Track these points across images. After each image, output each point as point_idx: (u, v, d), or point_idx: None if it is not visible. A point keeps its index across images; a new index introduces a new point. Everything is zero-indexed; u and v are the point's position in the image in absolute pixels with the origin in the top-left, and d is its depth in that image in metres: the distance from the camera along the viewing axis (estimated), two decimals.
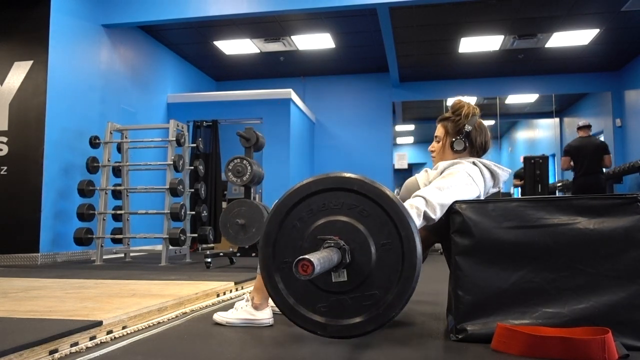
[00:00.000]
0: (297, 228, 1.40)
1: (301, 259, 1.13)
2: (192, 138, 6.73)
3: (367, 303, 1.36)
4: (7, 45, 5.00)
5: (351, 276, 1.35)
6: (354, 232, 1.35)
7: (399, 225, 1.33)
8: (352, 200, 1.36)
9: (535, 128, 11.65)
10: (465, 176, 1.74)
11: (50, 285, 2.80)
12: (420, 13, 6.11)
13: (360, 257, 1.35)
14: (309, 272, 1.12)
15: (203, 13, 5.61)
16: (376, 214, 1.35)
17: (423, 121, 11.52)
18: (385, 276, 1.34)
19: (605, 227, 1.53)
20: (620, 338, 1.41)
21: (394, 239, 1.34)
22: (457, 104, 1.95)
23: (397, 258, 1.33)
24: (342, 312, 1.37)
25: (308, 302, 1.39)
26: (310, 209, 1.39)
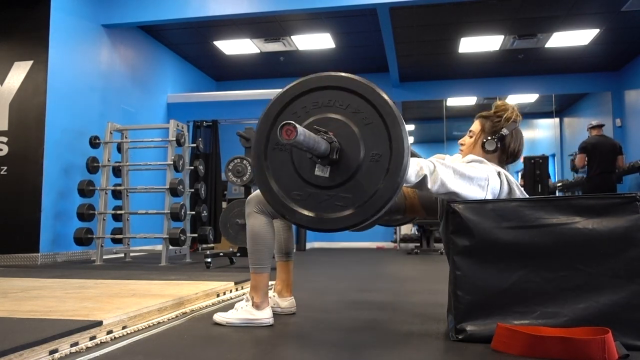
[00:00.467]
0: (298, 116, 1.42)
1: (287, 123, 1.15)
2: (192, 138, 6.73)
3: (339, 204, 1.38)
4: (7, 45, 5.01)
5: (333, 174, 1.37)
6: (349, 134, 1.37)
7: (393, 141, 1.34)
8: (358, 105, 1.37)
9: (535, 128, 11.65)
10: (485, 178, 1.68)
11: (50, 285, 2.80)
12: (420, 13, 6.11)
13: (347, 160, 1.37)
14: (291, 137, 1.15)
15: (203, 13, 5.61)
16: (376, 125, 1.36)
17: (423, 121, 11.51)
18: (365, 185, 1.36)
19: (605, 226, 1.53)
20: (620, 338, 1.41)
21: (384, 154, 1.35)
22: (502, 105, 1.89)
23: (381, 172, 1.35)
24: (314, 205, 1.40)
25: (287, 186, 1.42)
26: (316, 102, 1.41)
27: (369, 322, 1.95)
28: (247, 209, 1.87)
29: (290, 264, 2.13)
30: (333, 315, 2.10)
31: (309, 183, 1.41)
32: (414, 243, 7.85)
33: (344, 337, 1.69)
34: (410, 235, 8.15)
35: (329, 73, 1.42)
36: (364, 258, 5.91)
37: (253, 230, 1.85)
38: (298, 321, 1.96)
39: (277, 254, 2.13)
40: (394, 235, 8.44)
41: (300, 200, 1.41)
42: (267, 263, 1.88)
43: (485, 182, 1.69)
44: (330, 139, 1.36)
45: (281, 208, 1.43)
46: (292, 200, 1.42)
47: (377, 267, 4.64)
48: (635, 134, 7.77)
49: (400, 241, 8.25)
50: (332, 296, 2.69)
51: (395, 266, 4.75)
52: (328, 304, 2.39)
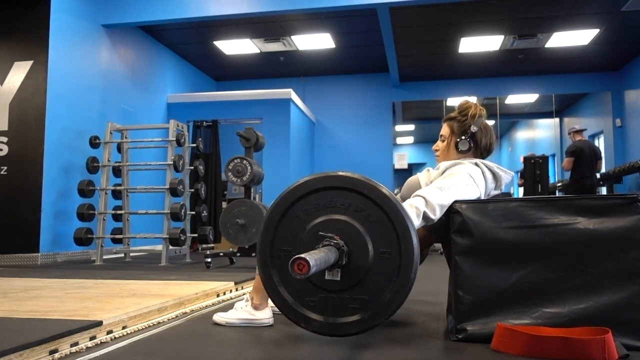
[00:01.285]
0: (301, 219, 1.40)
1: (297, 258, 1.12)
2: (192, 138, 6.72)
3: (354, 306, 1.35)
4: (7, 45, 5.00)
5: (344, 277, 1.35)
6: (355, 235, 1.35)
7: (401, 237, 1.32)
8: (360, 202, 1.35)
9: (535, 128, 11.66)
10: (467, 177, 1.73)
11: (50, 285, 2.80)
12: (420, 13, 6.11)
13: (357, 261, 1.34)
14: (304, 272, 1.12)
15: (203, 13, 5.61)
16: (381, 221, 1.34)
17: (423, 121, 11.52)
18: (378, 284, 1.34)
19: (605, 227, 1.53)
20: (620, 338, 1.41)
21: (393, 250, 1.33)
22: (464, 104, 1.94)
23: (393, 269, 1.33)
24: (328, 310, 1.37)
25: (298, 292, 1.39)
26: (317, 204, 1.39)
27: None
28: None
29: None
30: None
31: (319, 287, 1.38)
32: None
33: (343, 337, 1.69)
34: None
35: (326, 174, 1.39)
36: None
37: None
38: None
39: None
40: None
41: (314, 306, 1.38)
42: None
43: (471, 180, 1.74)
44: (337, 245, 1.33)
45: (295, 317, 1.39)
46: (306, 307, 1.39)
47: None
48: (635, 134, 7.77)
49: None
50: None
51: None
52: None
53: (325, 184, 1.38)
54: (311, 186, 1.40)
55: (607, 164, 8.47)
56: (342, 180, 1.37)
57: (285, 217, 1.41)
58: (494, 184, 1.86)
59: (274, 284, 1.40)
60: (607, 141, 8.58)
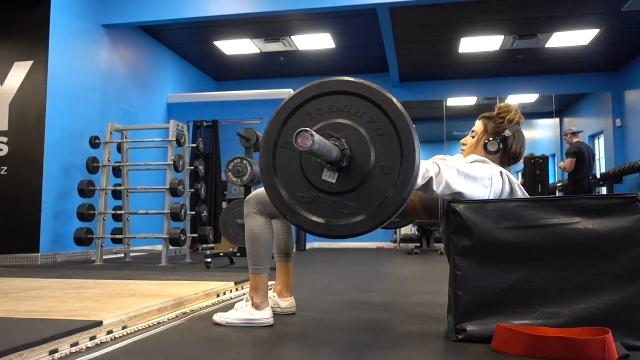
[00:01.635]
0: (312, 117, 1.40)
1: (303, 130, 1.15)
2: (192, 138, 6.73)
3: (341, 211, 1.36)
4: (7, 45, 5.01)
5: (339, 181, 1.36)
6: (361, 142, 1.35)
7: (405, 156, 1.32)
8: (374, 114, 1.35)
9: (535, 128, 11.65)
10: (488, 177, 1.69)
11: (50, 285, 2.80)
12: (420, 13, 6.11)
13: (356, 168, 1.35)
14: (307, 145, 1.15)
15: (203, 13, 5.61)
16: (389, 136, 1.34)
17: (423, 121, 11.50)
18: (370, 196, 1.35)
19: (605, 227, 1.52)
20: (620, 338, 1.41)
21: (394, 166, 1.33)
22: (505, 107, 1.91)
23: (388, 185, 1.34)
24: (314, 208, 1.39)
25: (291, 186, 1.40)
26: (332, 105, 1.39)
27: (369, 322, 1.95)
28: (246, 209, 1.87)
29: (289, 264, 2.13)
30: (333, 316, 2.10)
31: (314, 186, 1.39)
32: (414, 243, 7.86)
33: (343, 337, 1.69)
34: (410, 235, 8.15)
35: (347, 78, 1.40)
36: (364, 258, 5.91)
37: (252, 231, 1.85)
38: (298, 321, 1.96)
39: (276, 255, 2.13)
40: (394, 235, 8.44)
41: (304, 203, 1.39)
42: (266, 263, 1.88)
43: (489, 182, 1.69)
44: (341, 146, 1.34)
45: (283, 208, 1.41)
46: (297, 202, 1.40)
47: (377, 267, 4.64)
48: (635, 134, 7.77)
49: (400, 241, 8.25)
50: (332, 296, 2.69)
51: (395, 266, 4.75)
52: (328, 304, 2.39)
53: (345, 88, 1.38)
54: (331, 87, 1.40)
55: (607, 164, 8.47)
56: (362, 87, 1.37)
57: (298, 111, 1.41)
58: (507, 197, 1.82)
59: (272, 174, 1.42)
60: (607, 141, 8.58)
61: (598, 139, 9.19)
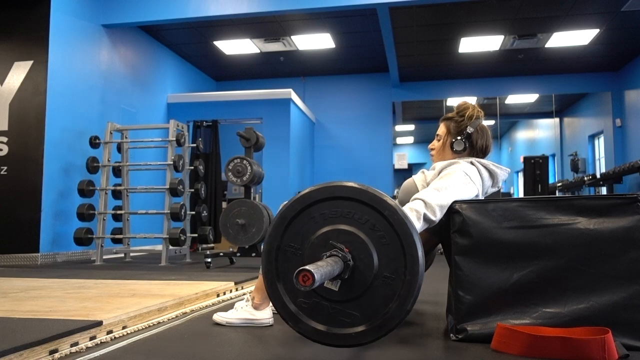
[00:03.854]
0: (315, 221, 1.38)
1: (303, 270, 1.12)
2: (192, 138, 6.73)
3: (344, 319, 1.34)
4: (7, 45, 5.00)
5: (342, 288, 1.33)
6: (365, 252, 1.33)
7: (409, 267, 1.30)
8: (377, 221, 1.33)
9: (535, 128, 11.66)
10: (463, 175, 1.74)
11: (50, 285, 2.80)
12: (420, 13, 6.11)
13: (359, 278, 1.33)
14: (308, 284, 1.11)
15: (203, 13, 5.61)
16: (393, 246, 1.32)
17: (423, 121, 11.53)
18: (373, 306, 1.32)
19: (606, 227, 1.52)
20: (620, 338, 1.41)
21: (397, 277, 1.31)
22: (462, 105, 1.95)
23: (391, 296, 1.31)
24: (316, 315, 1.36)
25: (294, 291, 1.38)
26: (336, 211, 1.37)
27: None
28: None
29: None
30: None
31: (316, 292, 1.36)
32: None
33: None
34: None
35: (351, 184, 1.37)
36: None
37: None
38: None
39: None
40: None
41: (305, 309, 1.37)
42: None
43: (467, 178, 1.74)
44: (345, 258, 1.31)
45: (286, 315, 1.38)
46: (299, 308, 1.37)
47: None
48: (635, 134, 7.77)
49: None
50: None
51: None
52: None
53: (349, 195, 1.36)
54: (335, 192, 1.37)
55: (607, 164, 8.48)
56: (366, 195, 1.34)
57: (302, 214, 1.39)
58: (490, 181, 1.86)
59: (274, 277, 1.40)
60: (607, 141, 8.58)
61: (598, 139, 9.19)
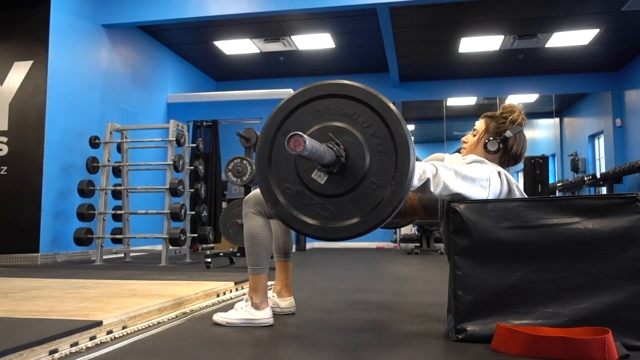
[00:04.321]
0: (319, 114, 1.38)
1: (295, 134, 1.14)
2: (192, 138, 6.72)
3: (321, 212, 1.35)
4: (7, 45, 5.00)
5: (327, 183, 1.34)
6: (358, 153, 1.32)
7: (396, 179, 1.31)
8: (380, 129, 1.33)
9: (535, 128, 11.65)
10: (486, 179, 1.68)
11: (50, 285, 2.80)
12: (420, 13, 6.11)
13: (346, 177, 1.33)
14: (298, 149, 1.13)
15: (203, 13, 5.61)
16: (388, 157, 1.32)
17: (423, 121, 11.51)
18: (353, 207, 1.33)
19: (605, 227, 1.52)
20: (620, 338, 1.41)
21: (383, 186, 1.31)
22: (509, 107, 1.89)
23: (373, 202, 1.32)
24: (296, 203, 1.37)
25: (281, 175, 1.39)
26: (342, 109, 1.36)
27: (369, 322, 1.95)
28: (244, 210, 1.87)
29: (289, 264, 2.13)
30: (333, 316, 2.10)
31: (302, 181, 1.37)
32: (414, 243, 7.85)
33: (343, 337, 1.69)
34: (410, 235, 8.15)
35: (364, 86, 1.35)
36: (364, 258, 5.90)
37: (250, 232, 1.85)
38: (298, 321, 1.96)
39: (275, 255, 2.12)
40: (394, 235, 8.44)
41: (287, 194, 1.38)
42: (265, 264, 1.87)
43: (487, 183, 1.68)
44: (338, 152, 1.31)
45: (268, 195, 1.39)
46: (281, 192, 1.38)
47: (377, 267, 4.64)
48: (635, 134, 7.77)
49: (400, 241, 8.25)
50: (332, 296, 2.69)
51: (395, 266, 4.75)
52: (328, 304, 2.39)
53: (358, 96, 1.34)
54: (345, 90, 1.35)
55: (607, 164, 8.47)
56: (376, 100, 1.33)
57: (308, 104, 1.38)
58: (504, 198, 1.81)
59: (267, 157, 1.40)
60: (607, 141, 8.58)
61: (598, 139, 9.19)
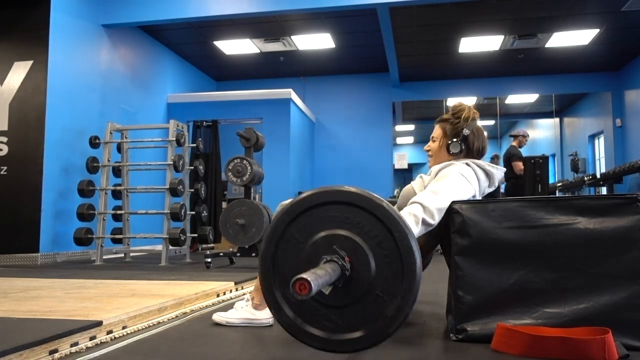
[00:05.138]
0: (325, 221, 1.32)
1: (299, 279, 1.06)
2: (192, 138, 6.72)
3: (324, 323, 1.31)
4: (7, 45, 5.00)
5: (332, 295, 1.29)
6: (364, 266, 1.27)
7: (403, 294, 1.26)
8: (386, 240, 1.28)
9: (535, 128, 11.65)
10: (459, 177, 1.74)
11: (50, 285, 2.80)
12: (420, 13, 6.11)
13: (350, 291, 1.28)
14: (304, 293, 1.06)
15: (203, 13, 5.61)
16: (395, 269, 1.27)
17: (423, 121, 11.52)
18: (357, 319, 1.28)
19: (606, 227, 1.52)
20: (620, 338, 1.41)
21: (389, 299, 1.27)
22: (458, 106, 1.94)
23: (378, 315, 1.27)
24: (299, 309, 1.33)
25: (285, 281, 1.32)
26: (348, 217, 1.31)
27: None
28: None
29: None
30: None
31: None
32: None
33: None
34: None
35: (370, 196, 1.29)
36: None
37: None
38: None
39: None
40: None
41: (292, 301, 1.33)
42: None
43: (463, 179, 1.74)
44: (343, 267, 1.26)
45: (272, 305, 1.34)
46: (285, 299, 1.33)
47: None
48: (635, 134, 7.77)
49: None
50: None
51: None
52: None
53: (364, 205, 1.29)
54: (350, 199, 1.30)
55: (607, 164, 8.48)
56: (381, 210, 1.28)
57: (314, 210, 1.33)
58: (487, 182, 1.86)
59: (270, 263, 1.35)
60: (607, 141, 8.58)
61: (598, 139, 9.19)
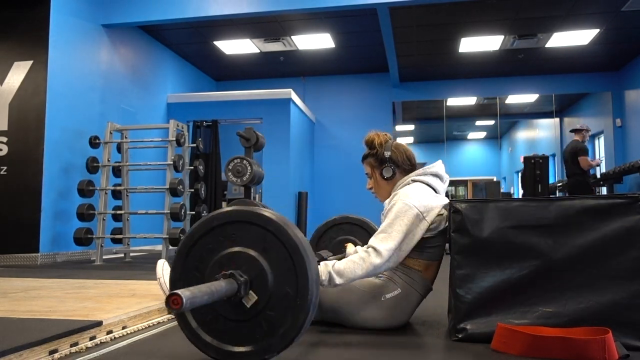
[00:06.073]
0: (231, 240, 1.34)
1: (172, 294, 1.08)
2: (192, 138, 6.73)
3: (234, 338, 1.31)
4: (7, 45, 5.00)
5: (237, 309, 1.30)
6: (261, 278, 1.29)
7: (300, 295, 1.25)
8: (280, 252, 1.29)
9: (535, 128, 11.65)
10: (402, 205, 1.74)
11: (50, 285, 2.80)
12: (420, 13, 6.11)
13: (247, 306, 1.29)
14: (178, 307, 1.07)
15: (203, 13, 5.61)
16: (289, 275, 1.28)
17: (423, 121, 11.51)
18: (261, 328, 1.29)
19: (606, 227, 1.52)
20: (620, 338, 1.41)
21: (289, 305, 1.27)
22: (368, 138, 2.00)
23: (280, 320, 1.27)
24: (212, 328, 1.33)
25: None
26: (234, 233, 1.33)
27: None
28: None
29: None
30: None
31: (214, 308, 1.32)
32: None
33: (343, 337, 1.69)
34: None
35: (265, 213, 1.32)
36: None
37: None
38: None
39: None
40: None
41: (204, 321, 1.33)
42: None
43: (407, 206, 1.73)
44: (238, 280, 1.27)
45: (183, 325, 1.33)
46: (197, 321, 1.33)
47: None
48: (635, 134, 7.77)
49: None
50: None
51: None
52: None
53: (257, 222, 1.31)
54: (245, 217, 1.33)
55: (607, 164, 8.48)
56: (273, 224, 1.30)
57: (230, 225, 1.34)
58: (438, 179, 1.91)
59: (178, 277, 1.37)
60: (607, 141, 8.58)
61: (598, 139, 9.19)
